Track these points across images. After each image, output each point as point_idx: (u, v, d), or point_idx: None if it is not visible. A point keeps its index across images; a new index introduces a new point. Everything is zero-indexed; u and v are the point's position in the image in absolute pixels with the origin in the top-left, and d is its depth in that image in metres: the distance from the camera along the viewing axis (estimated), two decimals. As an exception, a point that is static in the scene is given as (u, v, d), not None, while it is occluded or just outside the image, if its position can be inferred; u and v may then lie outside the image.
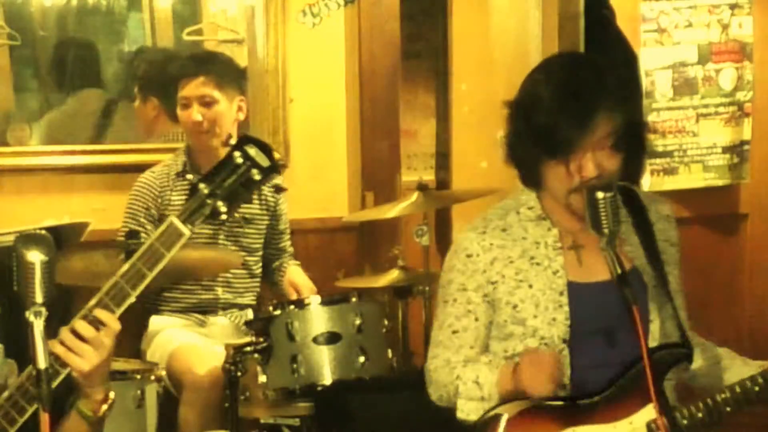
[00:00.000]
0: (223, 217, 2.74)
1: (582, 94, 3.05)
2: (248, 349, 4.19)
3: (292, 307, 4.25)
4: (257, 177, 2.73)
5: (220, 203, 2.72)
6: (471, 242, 3.17)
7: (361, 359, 4.17)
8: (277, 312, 4.24)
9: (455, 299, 3.20)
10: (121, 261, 3.97)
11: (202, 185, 2.72)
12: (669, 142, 5.83)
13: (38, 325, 2.53)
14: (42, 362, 2.52)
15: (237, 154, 2.72)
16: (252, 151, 2.73)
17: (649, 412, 3.12)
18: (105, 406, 2.91)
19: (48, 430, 2.49)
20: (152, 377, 4.32)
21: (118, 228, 4.74)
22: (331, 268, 5.41)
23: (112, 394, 2.99)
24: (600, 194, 2.91)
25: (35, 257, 2.56)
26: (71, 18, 5.90)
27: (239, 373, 4.15)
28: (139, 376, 4.31)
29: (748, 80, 5.88)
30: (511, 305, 3.13)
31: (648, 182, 5.80)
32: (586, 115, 3.02)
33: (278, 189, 4.27)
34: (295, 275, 5.01)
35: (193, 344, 4.64)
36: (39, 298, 2.55)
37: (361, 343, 4.17)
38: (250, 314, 4.81)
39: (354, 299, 4.27)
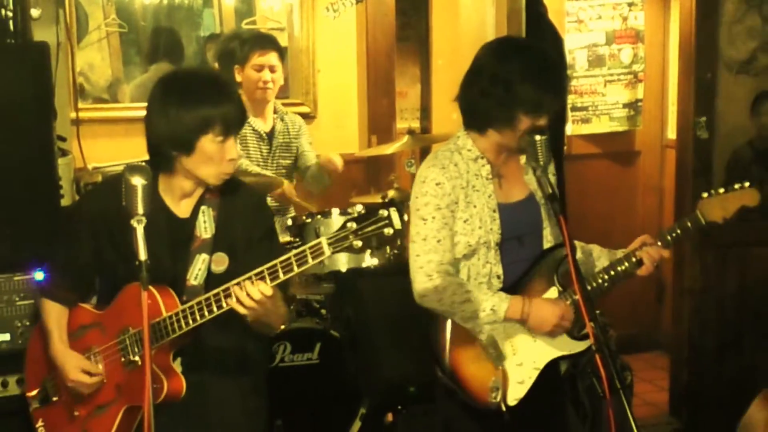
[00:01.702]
0: (355, 250, 2.56)
1: (556, 75, 3.08)
2: (287, 246, 4.15)
3: (319, 216, 4.21)
4: (388, 233, 2.52)
5: (357, 242, 2.53)
6: (438, 174, 3.06)
7: (369, 253, 4.13)
8: (308, 220, 4.22)
9: (434, 217, 3.05)
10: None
11: (350, 224, 2.54)
12: (585, 100, 5.83)
13: (140, 230, 2.53)
14: (142, 255, 2.51)
15: (384, 211, 2.52)
16: (394, 214, 2.52)
17: (551, 294, 3.10)
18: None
19: (146, 304, 2.49)
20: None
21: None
22: (347, 189, 5.41)
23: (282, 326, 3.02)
24: (538, 137, 2.94)
25: (138, 181, 2.55)
26: (163, 12, 5.86)
27: (282, 263, 4.12)
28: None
29: (641, 56, 5.86)
30: (462, 219, 3.07)
31: (570, 128, 5.82)
32: (560, 89, 3.10)
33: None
34: (328, 154, 4.85)
35: None
36: (140, 210, 2.54)
37: (368, 241, 4.14)
38: (287, 220, 4.74)
39: (363, 211, 4.22)
